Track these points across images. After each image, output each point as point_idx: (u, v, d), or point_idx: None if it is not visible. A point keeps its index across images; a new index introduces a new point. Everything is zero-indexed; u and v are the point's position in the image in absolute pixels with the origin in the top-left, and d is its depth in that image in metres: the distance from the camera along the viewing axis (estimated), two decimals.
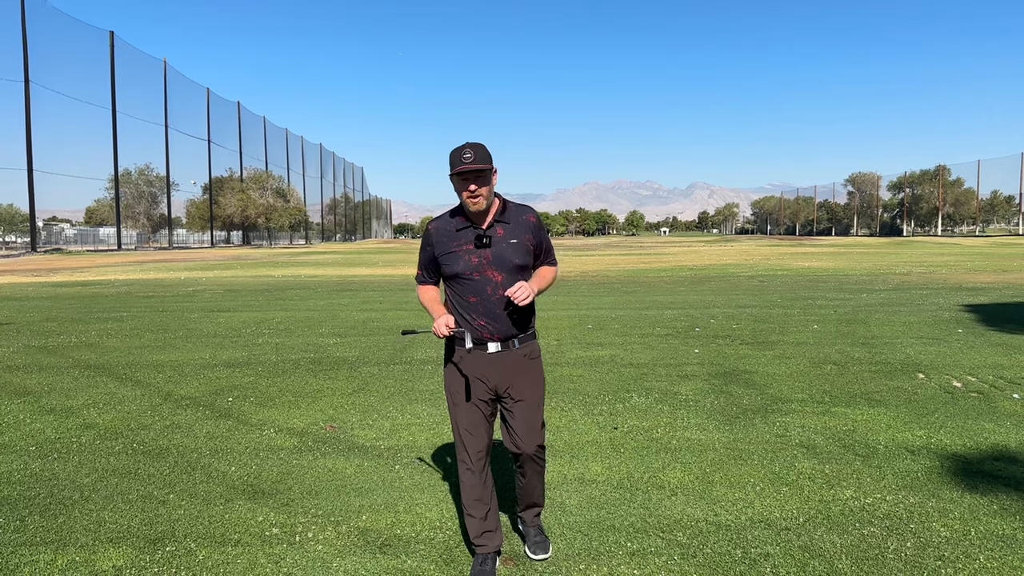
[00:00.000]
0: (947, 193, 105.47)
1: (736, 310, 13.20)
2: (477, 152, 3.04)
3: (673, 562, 3.40)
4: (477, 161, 3.03)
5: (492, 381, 3.26)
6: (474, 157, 3.03)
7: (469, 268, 3.17)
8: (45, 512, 4.05)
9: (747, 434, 5.38)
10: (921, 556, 3.41)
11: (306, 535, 3.73)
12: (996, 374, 7.32)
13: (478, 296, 3.19)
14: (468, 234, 3.19)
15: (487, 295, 3.17)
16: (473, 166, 3.02)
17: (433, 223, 3.31)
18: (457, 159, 3.05)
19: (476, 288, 3.18)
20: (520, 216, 3.25)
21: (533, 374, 3.34)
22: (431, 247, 3.29)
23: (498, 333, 3.22)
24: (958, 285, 18.20)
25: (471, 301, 3.20)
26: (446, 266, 3.23)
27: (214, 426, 5.79)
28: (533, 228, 3.27)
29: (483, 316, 3.19)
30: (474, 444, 3.28)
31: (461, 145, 3.07)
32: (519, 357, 3.28)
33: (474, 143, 3.07)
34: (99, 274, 27.26)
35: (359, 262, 37.08)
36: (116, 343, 10.03)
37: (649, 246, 64.23)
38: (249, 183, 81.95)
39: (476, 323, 3.21)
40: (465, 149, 3.04)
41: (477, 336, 3.21)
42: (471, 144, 3.06)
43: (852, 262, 30.38)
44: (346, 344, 9.73)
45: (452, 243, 3.21)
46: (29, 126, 47.21)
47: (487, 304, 3.18)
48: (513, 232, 3.21)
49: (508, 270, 3.18)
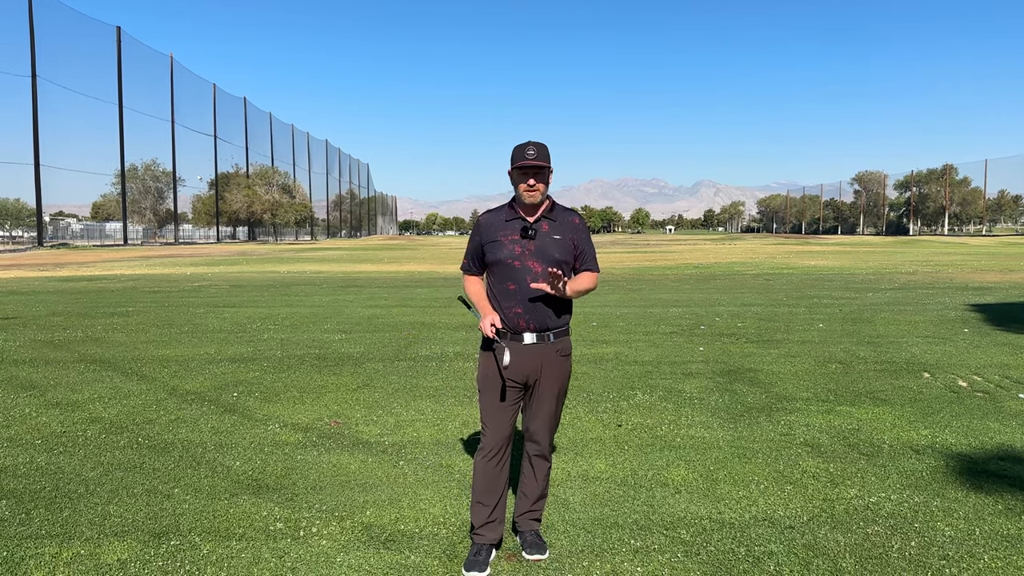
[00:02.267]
0: (954, 192, 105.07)
1: (741, 308, 13.18)
2: (539, 151, 3.27)
3: (676, 559, 3.40)
4: (539, 159, 3.25)
5: (524, 371, 3.35)
6: (536, 154, 3.25)
7: (512, 256, 3.32)
8: (51, 505, 4.07)
9: (751, 432, 5.38)
10: (925, 555, 3.41)
11: (310, 530, 3.74)
12: (1002, 374, 7.29)
13: (517, 284, 3.31)
14: (515, 225, 3.36)
15: (525, 283, 3.30)
16: (535, 163, 3.24)
17: (484, 215, 3.49)
18: (520, 154, 3.26)
19: (516, 276, 3.31)
20: (566, 217, 3.43)
21: (562, 369, 3.44)
22: (479, 236, 3.44)
23: (534, 322, 3.33)
24: (964, 284, 18.14)
25: (510, 289, 3.33)
26: (490, 253, 3.38)
27: (219, 421, 5.80)
28: (576, 229, 3.43)
29: (520, 304, 3.32)
30: (496, 432, 3.39)
31: (525, 142, 3.29)
32: (552, 352, 3.38)
33: (537, 142, 3.30)
34: (105, 269, 27.35)
35: (364, 258, 37.12)
36: (122, 338, 10.06)
37: (654, 244, 64.16)
38: (255, 179, 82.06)
39: (513, 311, 3.33)
40: (529, 147, 3.26)
41: (513, 325, 3.33)
42: (534, 143, 3.28)
43: (858, 261, 30.29)
44: (351, 340, 9.74)
45: (498, 232, 3.37)
46: (36, 121, 47.34)
47: (524, 292, 3.31)
48: (558, 229, 3.37)
49: (548, 262, 3.30)
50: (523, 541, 3.52)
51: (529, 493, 3.55)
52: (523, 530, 3.56)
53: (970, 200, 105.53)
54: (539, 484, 3.55)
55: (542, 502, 3.59)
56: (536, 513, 3.58)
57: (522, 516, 3.58)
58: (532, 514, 3.57)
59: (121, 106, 58.01)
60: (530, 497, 3.55)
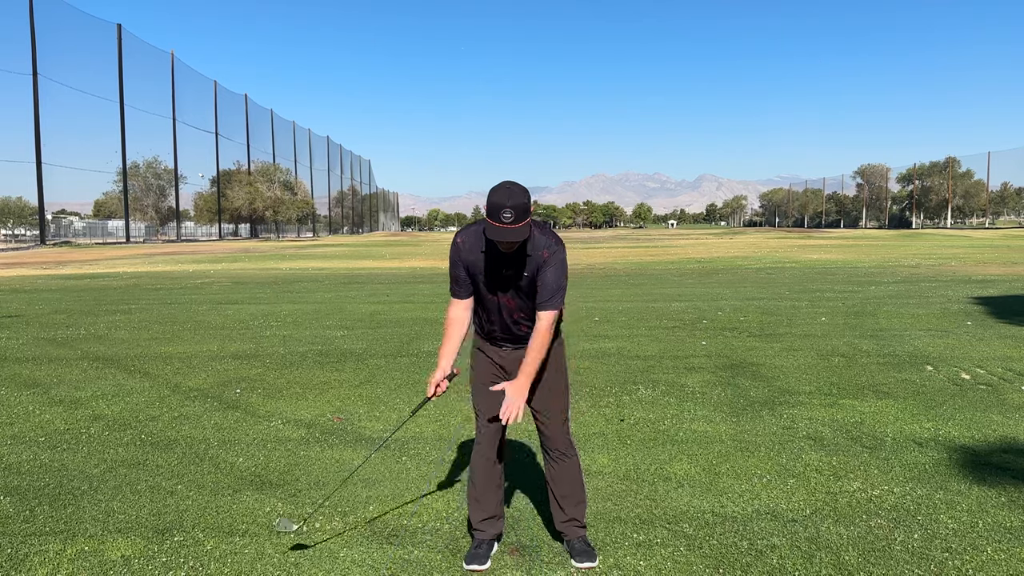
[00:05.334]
0: (957, 185, 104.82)
1: (744, 302, 13.17)
2: (516, 212, 2.90)
3: (679, 553, 3.40)
4: (517, 232, 2.93)
5: (513, 368, 3.33)
6: (513, 218, 2.91)
7: (488, 291, 3.29)
8: (54, 502, 4.08)
9: (754, 426, 5.37)
10: (928, 548, 3.40)
11: (313, 525, 3.75)
12: (1005, 366, 7.28)
13: (496, 315, 3.32)
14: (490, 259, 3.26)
15: (501, 315, 3.31)
16: (510, 240, 2.95)
17: (460, 236, 3.28)
18: (496, 215, 2.92)
19: (492, 306, 3.31)
20: (538, 251, 3.15)
21: (554, 363, 3.39)
22: (460, 259, 3.26)
23: (512, 344, 3.37)
24: (967, 277, 18.11)
25: (491, 317, 3.34)
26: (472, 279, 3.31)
27: (222, 417, 5.81)
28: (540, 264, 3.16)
29: (498, 328, 3.35)
30: (490, 430, 3.38)
31: (501, 197, 2.92)
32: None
33: (513, 191, 2.93)
34: (108, 267, 27.38)
35: (366, 255, 37.12)
36: (124, 335, 10.07)
37: (656, 238, 64.09)
38: (257, 176, 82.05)
39: (497, 334, 3.36)
40: (504, 210, 2.90)
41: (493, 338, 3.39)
42: (511, 199, 2.91)
43: (861, 254, 30.25)
44: (353, 336, 9.75)
45: (475, 264, 3.24)
46: (37, 119, 47.37)
47: (503, 322, 3.33)
48: (530, 266, 3.17)
49: (521, 297, 3.25)
50: (571, 549, 3.38)
51: (565, 497, 3.41)
52: (569, 538, 3.42)
53: (973, 193, 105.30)
54: (571, 485, 3.42)
55: (582, 507, 3.45)
56: (580, 520, 3.43)
57: (565, 524, 3.43)
58: (575, 522, 3.42)
59: (122, 104, 58.03)
60: (568, 501, 3.41)
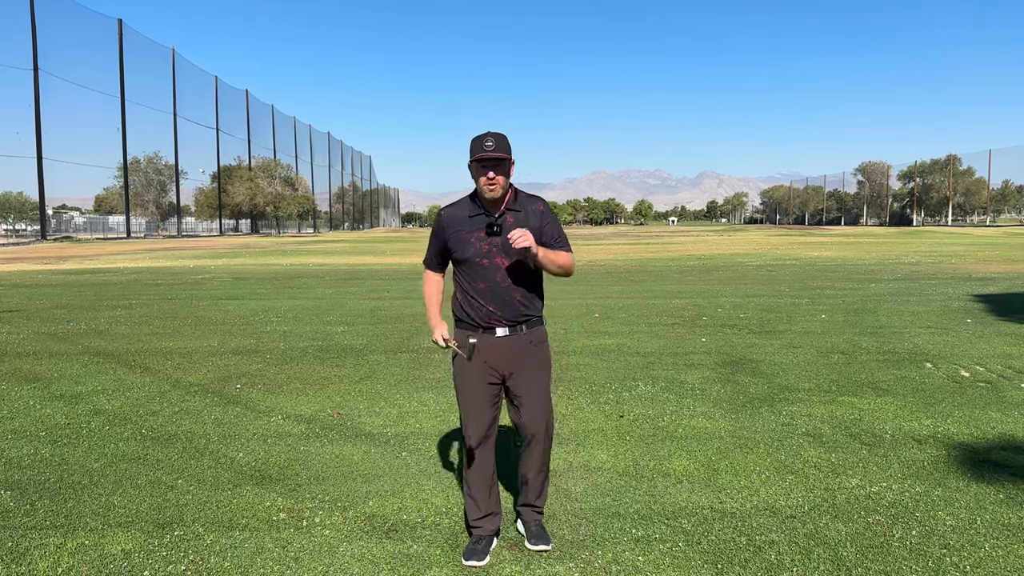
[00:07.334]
0: (958, 183, 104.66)
1: (744, 299, 13.17)
2: (498, 141, 3.14)
3: (678, 549, 3.41)
4: (498, 150, 3.12)
5: (499, 365, 3.31)
6: (495, 146, 3.12)
7: (479, 255, 3.24)
8: (55, 496, 4.10)
9: (753, 423, 5.38)
10: (926, 544, 3.41)
11: (313, 520, 3.76)
12: (1004, 364, 7.29)
13: (487, 282, 3.25)
14: (480, 221, 3.26)
15: (495, 281, 3.24)
16: (494, 154, 3.11)
17: (446, 209, 3.37)
18: (479, 147, 3.13)
19: (485, 274, 3.25)
20: (531, 206, 3.32)
21: (539, 357, 3.39)
22: (443, 232, 3.34)
23: (506, 318, 3.28)
24: (967, 275, 18.10)
25: (480, 287, 3.27)
26: (456, 251, 3.30)
27: (222, 413, 5.82)
28: (541, 216, 3.33)
29: (491, 302, 3.26)
30: (478, 427, 3.36)
31: (483, 133, 3.17)
32: (526, 343, 3.34)
33: (496, 132, 3.16)
34: (108, 262, 27.39)
35: (367, 251, 37.13)
36: (125, 330, 10.09)
37: (657, 235, 64.05)
38: (257, 171, 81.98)
39: (485, 309, 3.27)
40: (487, 138, 3.13)
41: (486, 323, 3.28)
42: (493, 133, 3.15)
43: (861, 252, 30.23)
44: (353, 332, 9.76)
45: (463, 230, 3.28)
46: (38, 114, 47.33)
47: (495, 290, 3.25)
48: (523, 220, 3.26)
49: (517, 256, 3.22)
50: (528, 532, 3.50)
51: (529, 479, 3.49)
52: (527, 520, 3.55)
53: (974, 190, 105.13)
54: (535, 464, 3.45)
55: (543, 496, 3.54)
56: (539, 507, 3.54)
57: (524, 507, 3.56)
58: (535, 508, 3.53)
59: (123, 99, 57.96)
60: (531, 485, 3.49)
